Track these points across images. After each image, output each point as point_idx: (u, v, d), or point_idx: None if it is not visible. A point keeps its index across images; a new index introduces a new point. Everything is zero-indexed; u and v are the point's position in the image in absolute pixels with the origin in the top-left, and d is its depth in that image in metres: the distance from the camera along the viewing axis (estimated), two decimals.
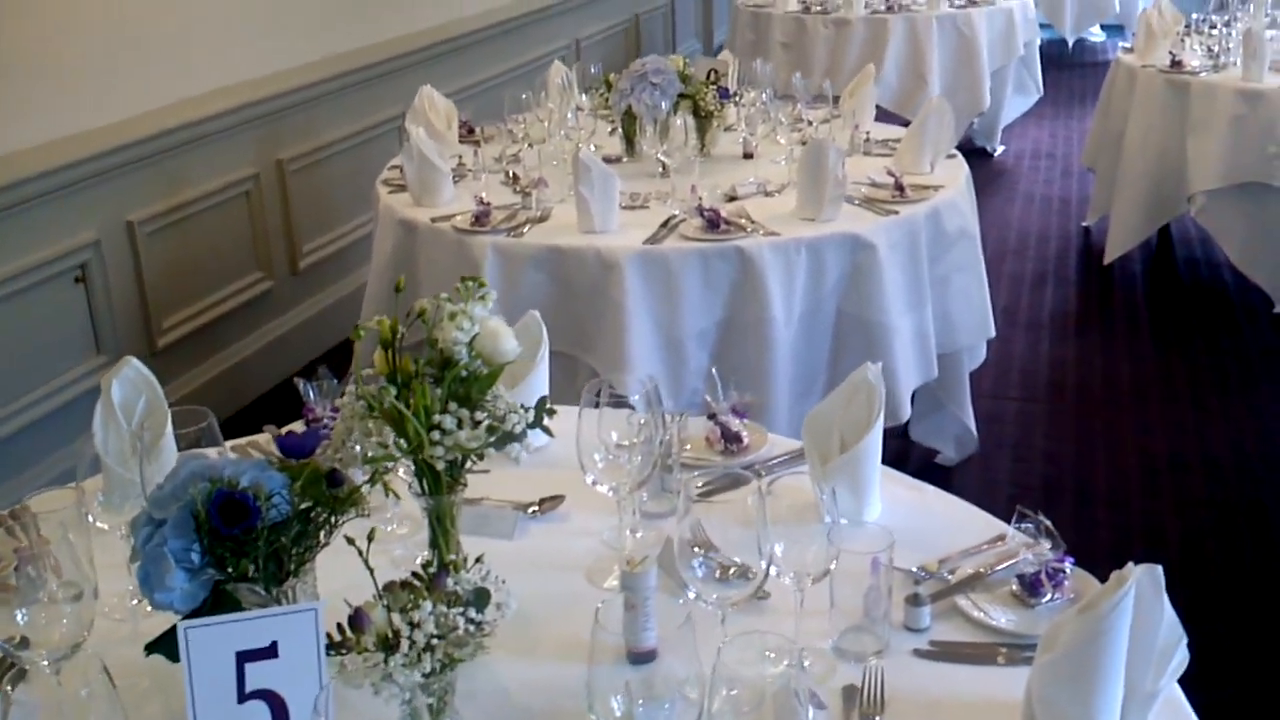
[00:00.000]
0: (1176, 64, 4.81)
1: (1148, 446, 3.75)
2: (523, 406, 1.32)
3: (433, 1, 5.26)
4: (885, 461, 1.83)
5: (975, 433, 3.51)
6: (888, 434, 3.26)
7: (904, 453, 3.56)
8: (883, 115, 5.44)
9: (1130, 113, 4.95)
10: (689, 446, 1.99)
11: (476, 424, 1.28)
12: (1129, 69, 5.03)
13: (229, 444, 2.04)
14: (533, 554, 1.67)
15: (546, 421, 1.37)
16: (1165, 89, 4.78)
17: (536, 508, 1.76)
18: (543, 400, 1.35)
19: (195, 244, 3.88)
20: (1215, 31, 4.96)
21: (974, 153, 6.83)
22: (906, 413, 3.05)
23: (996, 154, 6.91)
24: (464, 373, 1.31)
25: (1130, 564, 1.24)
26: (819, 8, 6.41)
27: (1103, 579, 1.30)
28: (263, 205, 4.14)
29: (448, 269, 3.01)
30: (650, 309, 2.89)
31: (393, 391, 1.25)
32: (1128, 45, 5.29)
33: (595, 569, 1.62)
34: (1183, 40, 5.06)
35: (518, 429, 1.29)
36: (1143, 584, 1.24)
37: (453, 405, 1.29)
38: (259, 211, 4.13)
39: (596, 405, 1.59)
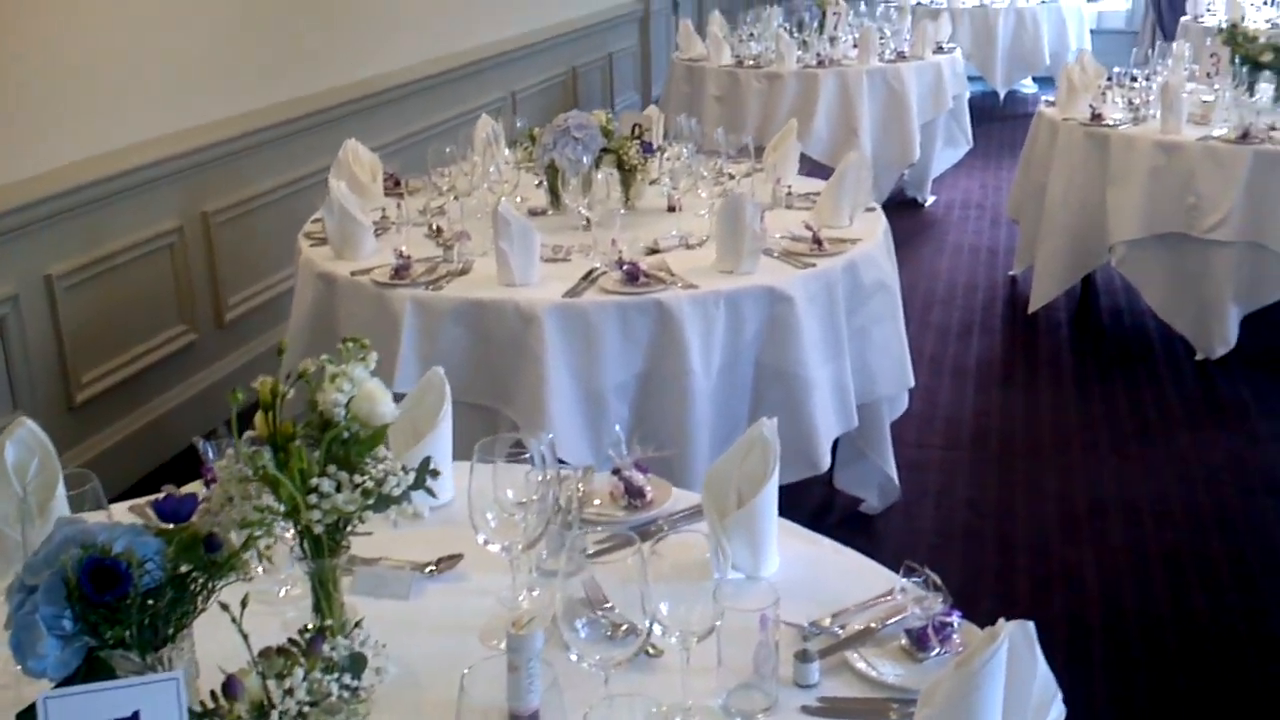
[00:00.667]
0: (1096, 117, 4.92)
1: (1069, 494, 3.80)
2: (404, 468, 1.32)
3: (367, 53, 5.27)
4: (810, 510, 1.85)
5: (897, 481, 3.54)
6: (812, 483, 3.32)
7: (828, 502, 3.58)
8: (815, 168, 5.54)
9: (1052, 165, 5.04)
10: (598, 501, 2.00)
11: (355, 487, 1.27)
12: (1051, 122, 5.14)
13: (128, 504, 2.02)
14: (427, 614, 1.66)
15: (430, 483, 1.36)
16: (1085, 141, 4.88)
17: (434, 567, 1.75)
18: (425, 461, 1.35)
19: (117, 297, 3.84)
20: (1137, 85, 5.08)
21: (905, 203, 6.96)
22: (826, 463, 3.07)
23: (927, 205, 7.02)
24: (345, 434, 1.31)
25: (1001, 620, 1.26)
26: (752, 62, 6.51)
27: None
28: (187, 258, 4.11)
29: (367, 322, 3.00)
30: (569, 362, 2.90)
31: (266, 455, 1.25)
32: (1050, 99, 5.40)
33: (488, 629, 1.61)
34: (1104, 94, 5.18)
35: (396, 492, 1.29)
36: (1015, 639, 1.26)
37: (332, 468, 1.28)
38: (183, 264, 4.10)
39: (490, 461, 1.59)
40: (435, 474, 1.34)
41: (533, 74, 7.02)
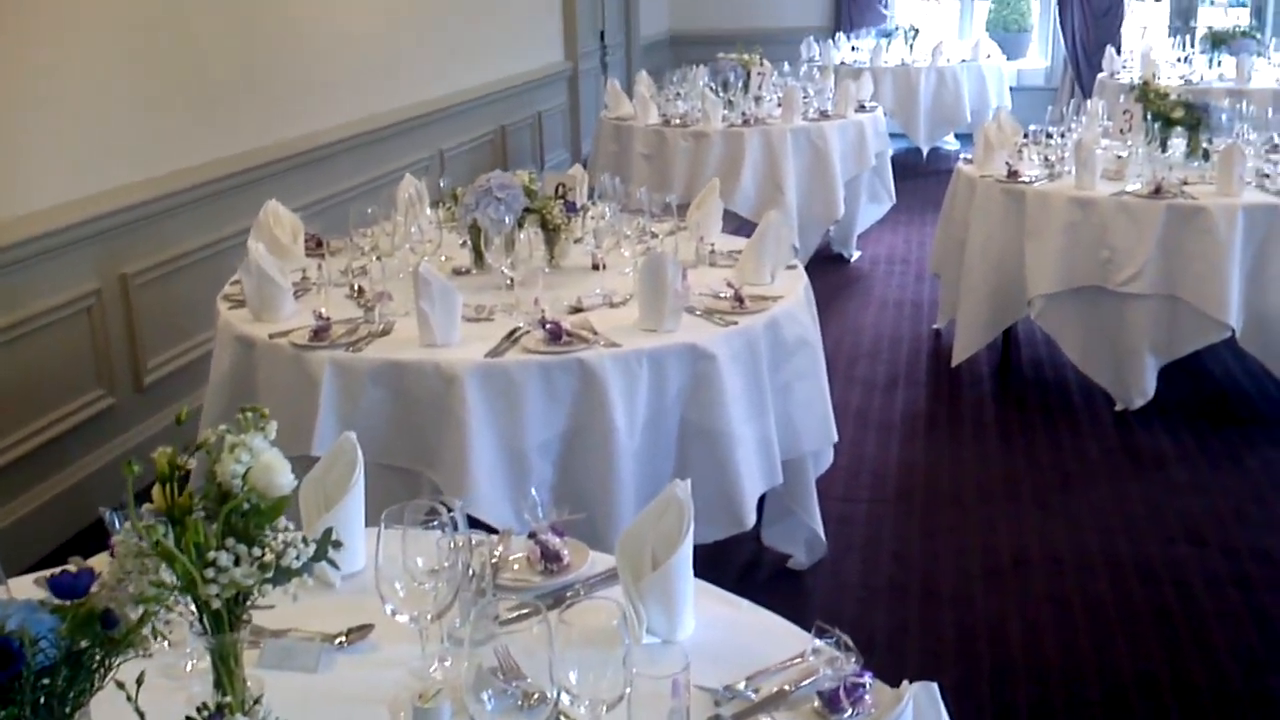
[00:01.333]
0: (1013, 174, 5.02)
1: (992, 545, 3.83)
2: (305, 539, 1.30)
3: (291, 113, 5.25)
4: (737, 567, 1.84)
5: (824, 537, 3.55)
6: (740, 540, 3.32)
7: (756, 558, 3.58)
8: (742, 225, 5.59)
9: (971, 221, 5.14)
10: (515, 566, 1.98)
11: (254, 560, 1.25)
12: (969, 179, 5.24)
13: (34, 577, 1.97)
14: (336, 687, 1.63)
15: (334, 554, 1.34)
16: (1003, 198, 4.97)
17: (344, 638, 1.73)
18: (328, 533, 1.33)
19: (32, 361, 3.77)
20: (1052, 142, 5.20)
21: (831, 259, 7.05)
22: (751, 520, 3.07)
23: (852, 260, 7.12)
24: (245, 505, 1.29)
25: (906, 681, 1.26)
26: (678, 121, 6.60)
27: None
28: (105, 320, 4.04)
29: (286, 386, 2.97)
30: (492, 422, 2.88)
31: (160, 529, 1.22)
32: (968, 156, 5.51)
33: (397, 701, 1.58)
34: (1020, 151, 5.29)
35: (296, 564, 1.27)
36: (920, 701, 1.26)
37: (230, 541, 1.26)
38: (101, 327, 4.03)
39: (397, 528, 1.57)
40: (337, 545, 1.32)
41: (461, 132, 7.04)
